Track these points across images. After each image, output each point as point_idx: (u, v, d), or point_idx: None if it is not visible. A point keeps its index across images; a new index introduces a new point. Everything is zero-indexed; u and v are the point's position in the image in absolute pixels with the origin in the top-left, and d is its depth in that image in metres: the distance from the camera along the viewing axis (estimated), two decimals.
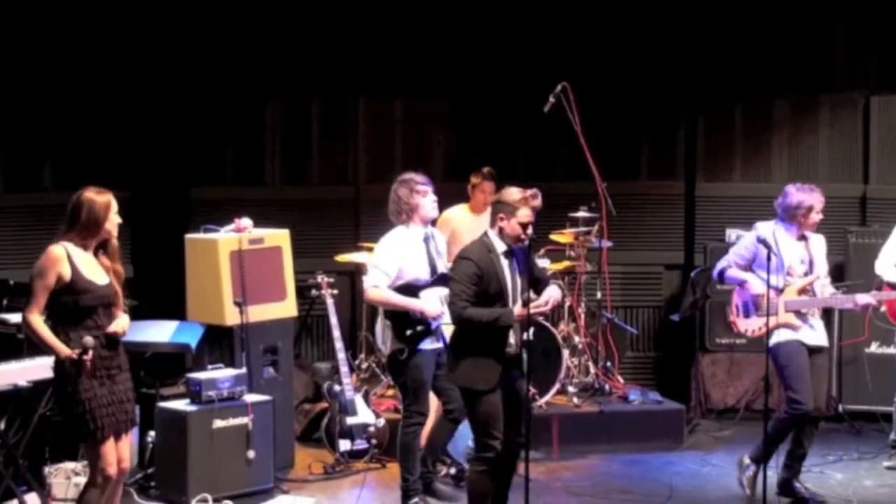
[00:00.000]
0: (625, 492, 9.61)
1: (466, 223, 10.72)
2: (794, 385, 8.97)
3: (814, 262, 9.17)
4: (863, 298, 9.26)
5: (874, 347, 11.31)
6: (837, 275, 11.13)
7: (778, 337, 9.06)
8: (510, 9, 12.04)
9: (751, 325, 9.28)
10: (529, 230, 7.78)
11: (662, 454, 10.48)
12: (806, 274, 9.15)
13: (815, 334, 9.11)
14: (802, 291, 9.12)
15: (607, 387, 11.05)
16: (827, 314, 11.64)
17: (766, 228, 9.16)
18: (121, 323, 7.44)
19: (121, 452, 7.47)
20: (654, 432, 10.66)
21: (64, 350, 7.25)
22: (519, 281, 7.79)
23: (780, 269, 9.05)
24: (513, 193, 7.83)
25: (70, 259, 7.31)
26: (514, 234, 7.78)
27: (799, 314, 9.09)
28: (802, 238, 9.21)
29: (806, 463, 9.84)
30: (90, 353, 7.20)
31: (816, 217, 9.17)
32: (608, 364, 11.31)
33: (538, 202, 7.86)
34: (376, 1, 12.02)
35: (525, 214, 7.76)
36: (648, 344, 12.44)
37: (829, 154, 12.23)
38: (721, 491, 9.60)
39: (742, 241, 9.37)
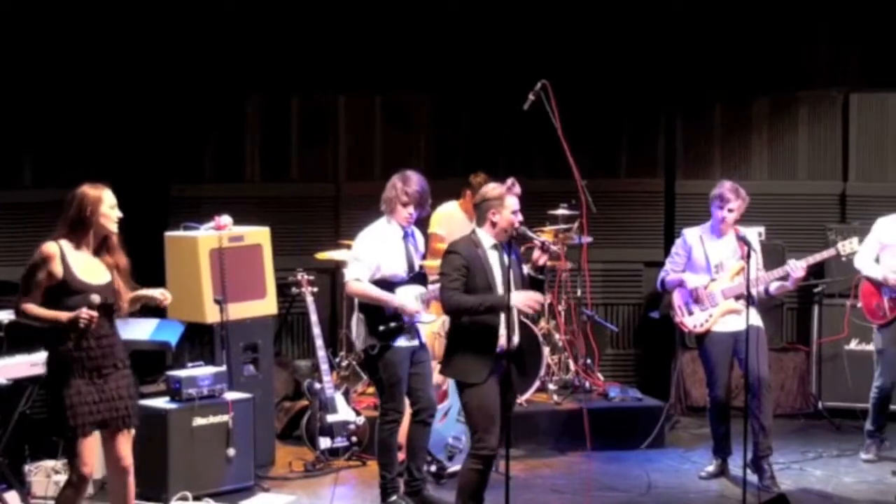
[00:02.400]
0: (605, 489, 9.62)
1: (462, 223, 10.53)
2: (708, 379, 9.62)
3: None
4: (795, 272, 9.31)
5: (854, 344, 11.33)
6: (817, 272, 11.15)
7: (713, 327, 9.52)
8: (491, 7, 12.03)
9: (697, 320, 9.61)
10: (519, 216, 7.94)
11: (642, 451, 10.48)
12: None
13: (751, 316, 9.18)
14: (737, 276, 9.35)
15: (587, 384, 11.06)
16: (806, 313, 11.75)
17: (692, 233, 9.65)
18: (157, 293, 7.46)
19: (120, 450, 7.45)
20: (634, 429, 10.65)
21: (63, 315, 7.11)
22: (512, 274, 7.85)
23: (707, 269, 9.51)
24: (495, 188, 8.03)
25: (63, 257, 7.21)
26: (508, 225, 7.91)
27: (740, 298, 9.28)
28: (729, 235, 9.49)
29: (786, 460, 10.07)
30: (94, 311, 7.07)
31: (727, 214, 9.41)
32: (588, 361, 11.31)
33: (518, 189, 8.07)
34: None
35: (512, 203, 7.96)
36: (628, 341, 12.45)
37: (809, 151, 12.25)
38: (700, 488, 9.61)
39: (673, 249, 9.80)
